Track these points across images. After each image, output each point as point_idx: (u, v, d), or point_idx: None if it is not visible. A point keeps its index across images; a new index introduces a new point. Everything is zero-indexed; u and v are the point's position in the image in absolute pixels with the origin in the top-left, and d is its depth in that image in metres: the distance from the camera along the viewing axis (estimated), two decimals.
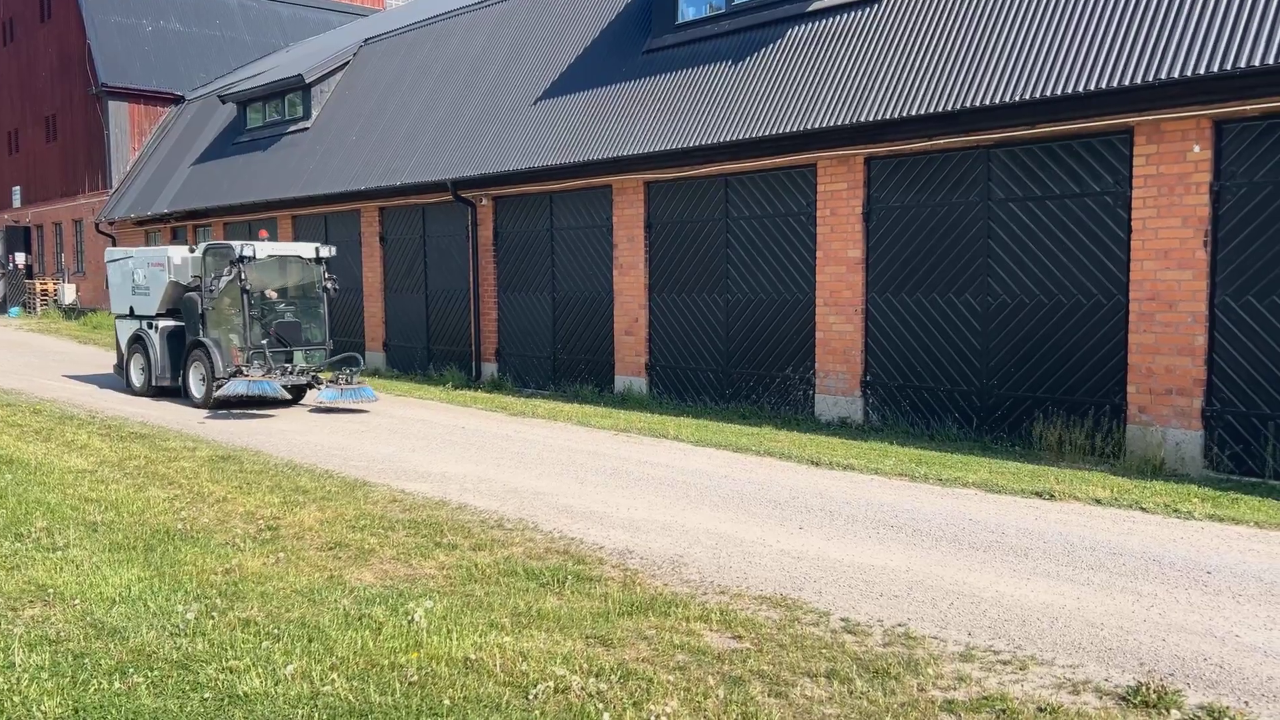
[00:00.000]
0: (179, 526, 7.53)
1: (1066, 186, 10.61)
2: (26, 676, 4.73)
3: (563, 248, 16.50)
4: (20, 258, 37.40)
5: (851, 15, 12.77)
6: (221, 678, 4.73)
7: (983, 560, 6.78)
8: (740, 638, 5.32)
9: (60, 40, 34.14)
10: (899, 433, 11.87)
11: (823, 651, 5.11)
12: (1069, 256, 10.61)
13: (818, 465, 10.06)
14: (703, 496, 8.76)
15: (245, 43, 35.22)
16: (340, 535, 7.32)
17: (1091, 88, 9.92)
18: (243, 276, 14.12)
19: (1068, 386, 10.68)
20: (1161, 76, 9.45)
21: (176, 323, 15.39)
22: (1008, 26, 11.03)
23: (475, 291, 17.93)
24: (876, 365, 12.36)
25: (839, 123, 11.99)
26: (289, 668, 4.82)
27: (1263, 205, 9.29)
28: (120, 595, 5.91)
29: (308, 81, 23.12)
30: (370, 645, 5.12)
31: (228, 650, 5.06)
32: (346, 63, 23.71)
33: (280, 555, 6.78)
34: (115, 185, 31.60)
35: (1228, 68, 9.04)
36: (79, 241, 34.74)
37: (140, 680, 4.71)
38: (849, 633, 5.42)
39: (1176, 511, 7.99)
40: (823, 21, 13.09)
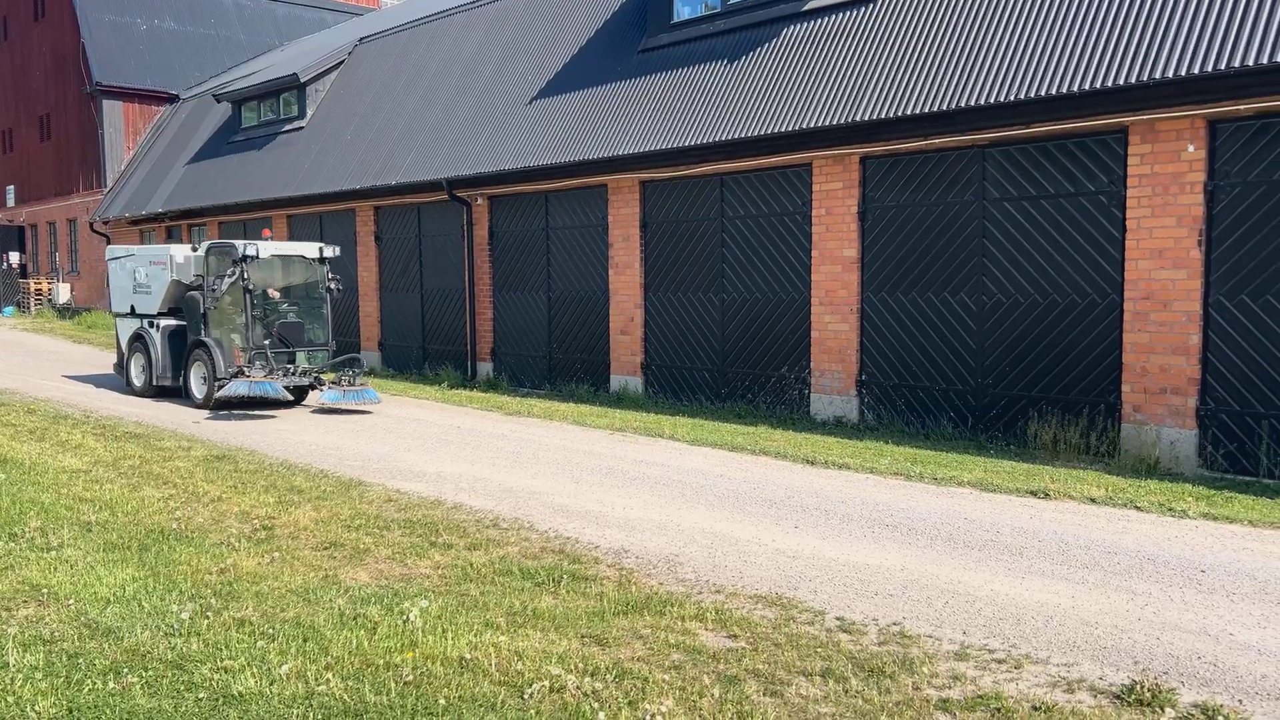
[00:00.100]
0: (173, 526, 7.52)
1: (1061, 186, 10.63)
2: (20, 677, 4.72)
3: (558, 247, 16.49)
4: (14, 257, 37.32)
5: (846, 15, 12.79)
6: (216, 678, 4.73)
7: (978, 559, 6.79)
8: (735, 637, 5.32)
9: (54, 39, 34.05)
10: (894, 432, 11.89)
11: (818, 650, 5.12)
12: (1064, 256, 10.63)
13: (813, 464, 10.07)
14: (698, 496, 8.76)
15: (240, 42, 35.16)
16: (335, 535, 7.31)
17: (1086, 87, 9.94)
18: (246, 276, 14.02)
19: (1063, 385, 10.69)
20: (1156, 76, 9.47)
21: (178, 322, 15.28)
22: (1003, 26, 11.04)
23: (470, 291, 17.92)
24: (872, 364, 12.37)
25: (834, 122, 12.01)
26: (284, 667, 4.82)
27: (1256, 205, 9.32)
28: (115, 595, 5.90)
29: (303, 80, 23.09)
30: (365, 645, 5.11)
31: (222, 650, 5.05)
32: (342, 62, 23.68)
33: (275, 555, 6.77)
34: (110, 184, 31.53)
35: (1222, 67, 9.06)
36: (73, 241, 34.66)
37: (135, 680, 4.70)
38: (844, 632, 5.42)
39: (1171, 510, 8.01)
40: (818, 21, 13.10)
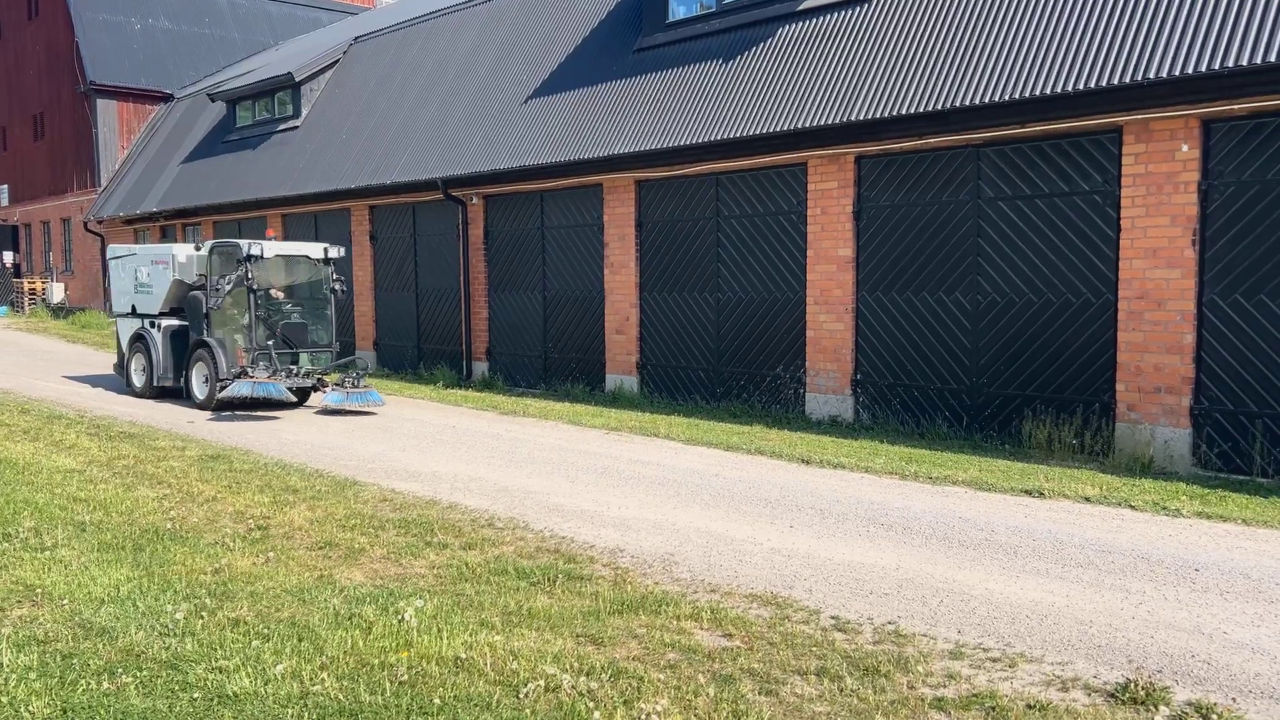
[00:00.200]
0: (168, 526, 7.51)
1: (1056, 185, 10.65)
2: (14, 677, 4.71)
3: (554, 247, 16.48)
4: (8, 257, 37.22)
5: (841, 14, 12.80)
6: (211, 678, 4.72)
7: (972, 558, 6.80)
8: (731, 636, 5.32)
9: (48, 38, 33.95)
10: (889, 431, 11.90)
11: (813, 649, 5.12)
12: (1058, 255, 10.65)
13: (808, 464, 10.08)
14: (694, 495, 8.76)
15: (235, 41, 35.10)
16: (330, 534, 7.30)
17: (1080, 87, 9.96)
18: (249, 276, 13.91)
19: (1057, 385, 10.71)
20: (1150, 76, 9.49)
21: (180, 322, 15.13)
22: (997, 26, 11.06)
23: (466, 290, 17.90)
24: (867, 364, 12.39)
25: (829, 122, 12.02)
26: (279, 667, 4.81)
27: (1250, 204, 9.34)
28: (109, 595, 5.89)
29: (297, 80, 23.05)
30: (360, 644, 5.11)
31: (217, 650, 5.04)
32: (336, 61, 23.64)
33: (270, 555, 6.76)
34: (104, 184, 31.46)
35: (1216, 67, 9.08)
36: (67, 240, 34.58)
37: (129, 680, 4.69)
38: (839, 631, 5.43)
39: (1165, 509, 8.03)
40: (813, 21, 13.11)
